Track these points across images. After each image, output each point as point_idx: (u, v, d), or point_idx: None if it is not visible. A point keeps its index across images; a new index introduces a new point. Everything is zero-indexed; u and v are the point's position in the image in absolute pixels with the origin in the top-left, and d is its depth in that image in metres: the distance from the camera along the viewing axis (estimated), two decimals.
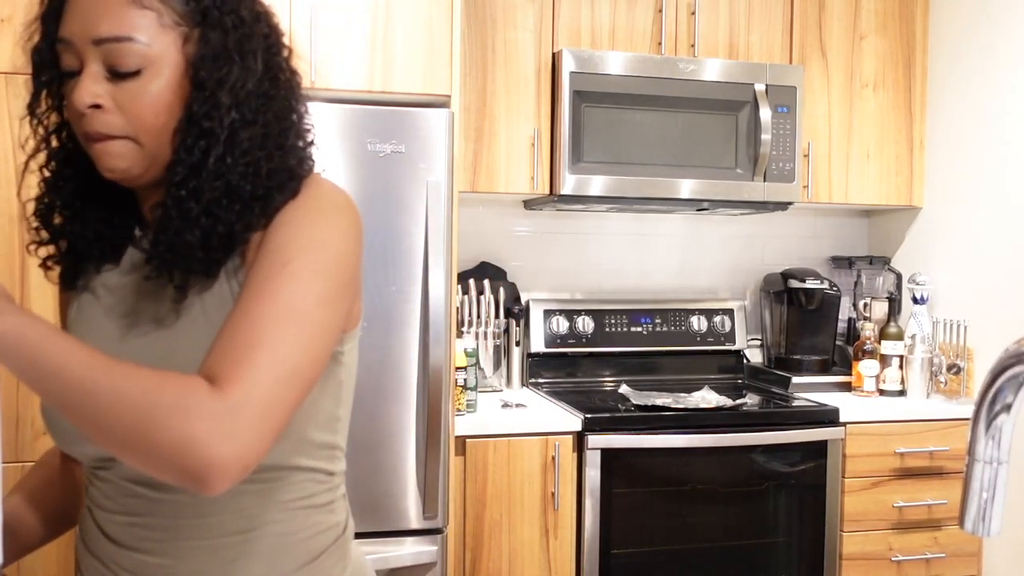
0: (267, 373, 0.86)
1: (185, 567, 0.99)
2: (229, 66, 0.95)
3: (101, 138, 0.94)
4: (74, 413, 0.82)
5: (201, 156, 0.94)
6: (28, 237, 1.04)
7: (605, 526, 2.57)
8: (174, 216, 0.95)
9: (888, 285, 3.26)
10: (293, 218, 0.96)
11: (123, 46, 0.92)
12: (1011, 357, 0.76)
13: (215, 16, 0.95)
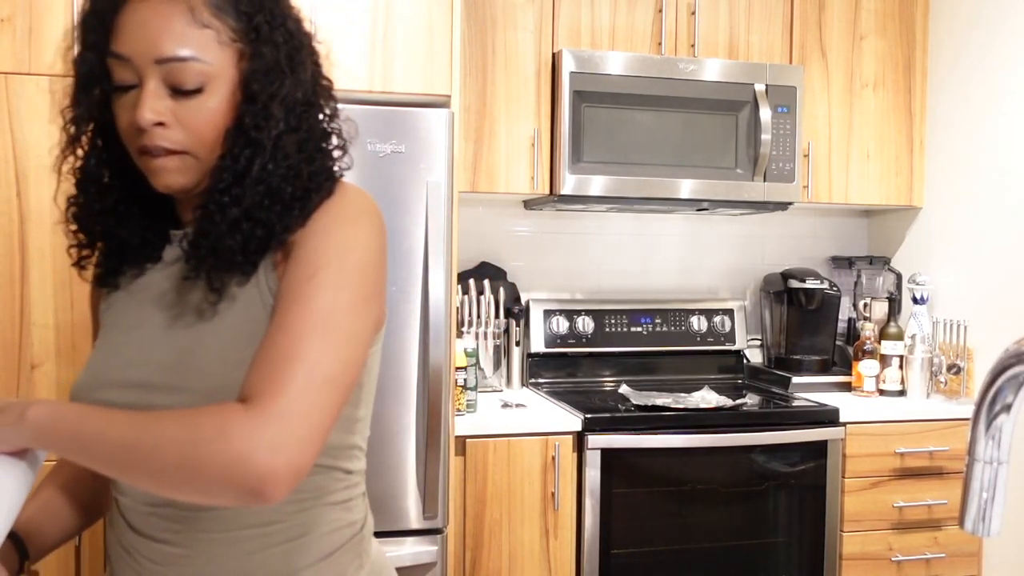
0: (302, 383, 0.88)
1: (203, 558, 1.01)
2: (281, 79, 0.98)
3: (161, 153, 0.96)
4: (122, 469, 0.86)
5: (246, 164, 0.97)
6: (67, 240, 1.07)
7: (605, 526, 2.57)
8: (217, 220, 0.97)
9: (888, 285, 3.26)
10: (322, 227, 0.98)
11: (186, 65, 0.94)
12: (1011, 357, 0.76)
13: (266, 31, 0.98)
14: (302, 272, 0.95)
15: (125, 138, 0.99)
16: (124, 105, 0.97)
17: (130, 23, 0.95)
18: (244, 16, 0.97)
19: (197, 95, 0.95)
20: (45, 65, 2.36)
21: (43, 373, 2.39)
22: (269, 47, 0.98)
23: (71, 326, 2.39)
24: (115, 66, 0.96)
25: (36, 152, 2.37)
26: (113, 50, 0.96)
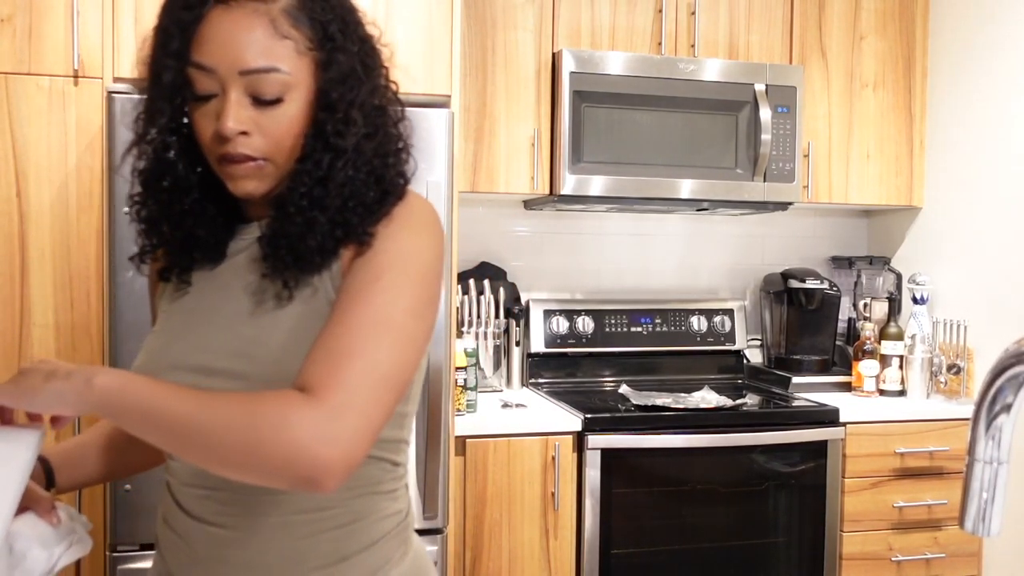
0: (361, 378, 0.92)
1: (256, 541, 1.03)
2: (358, 85, 1.02)
3: (242, 160, 1.00)
4: (182, 446, 0.90)
5: (328, 168, 1.01)
6: (137, 241, 1.11)
7: (605, 526, 2.57)
8: (298, 222, 1.00)
9: (888, 285, 3.26)
10: (387, 233, 1.02)
11: (268, 76, 0.97)
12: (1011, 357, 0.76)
13: (341, 39, 1.01)
14: (368, 274, 0.99)
15: (205, 145, 1.02)
16: (206, 114, 1.00)
17: (213, 34, 0.97)
18: (319, 25, 1.00)
19: (277, 104, 0.99)
20: (45, 65, 2.36)
21: None
22: (344, 54, 1.01)
23: (71, 326, 2.39)
24: (197, 76, 0.99)
25: (36, 152, 2.37)
26: (197, 60, 0.98)
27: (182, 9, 0.99)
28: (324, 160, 1.00)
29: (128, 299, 2.29)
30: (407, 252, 1.01)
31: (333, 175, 1.01)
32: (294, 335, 1.00)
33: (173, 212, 1.07)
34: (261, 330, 1.02)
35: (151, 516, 2.30)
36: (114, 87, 2.33)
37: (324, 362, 0.93)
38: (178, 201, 1.06)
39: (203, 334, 1.05)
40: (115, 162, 2.28)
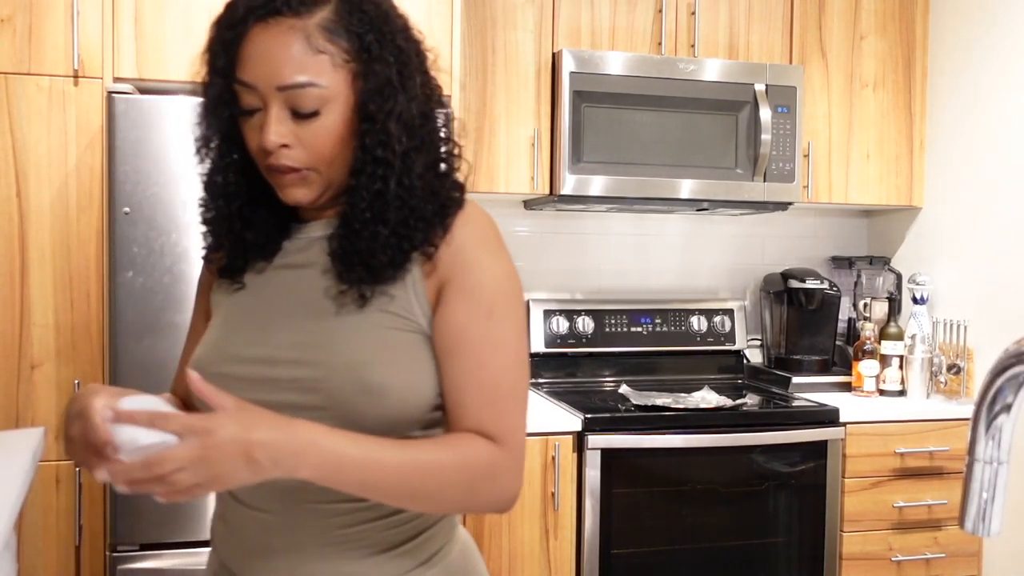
0: (521, 415, 1.08)
1: (304, 527, 1.07)
2: (395, 96, 1.05)
3: (287, 171, 1.05)
4: (401, 504, 1.02)
5: (382, 184, 1.05)
6: (202, 241, 1.18)
7: (605, 526, 2.57)
8: (365, 237, 1.06)
9: (888, 285, 3.26)
10: (475, 259, 1.09)
11: (304, 91, 1.02)
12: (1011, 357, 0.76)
13: (377, 50, 1.04)
14: (478, 309, 1.07)
15: (254, 156, 1.08)
16: (252, 127, 1.06)
17: (253, 53, 1.03)
18: (355, 37, 1.04)
19: (315, 117, 1.03)
20: (45, 65, 2.36)
21: (43, 373, 2.39)
22: (380, 65, 1.04)
23: (71, 326, 2.39)
24: (241, 92, 1.04)
25: (36, 152, 2.37)
26: (239, 78, 1.04)
27: (225, 28, 1.04)
28: (376, 173, 1.05)
29: (128, 299, 2.29)
30: (501, 278, 1.09)
31: (387, 189, 1.05)
32: (370, 338, 1.05)
33: (223, 216, 1.13)
34: (331, 328, 1.07)
35: (151, 516, 2.31)
36: (114, 87, 2.33)
37: (493, 408, 1.06)
38: (228, 206, 1.12)
39: (264, 328, 1.10)
40: (115, 162, 2.28)
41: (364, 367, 1.03)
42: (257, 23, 1.02)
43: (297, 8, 1.02)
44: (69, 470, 2.39)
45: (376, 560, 1.07)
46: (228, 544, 1.14)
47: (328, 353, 1.05)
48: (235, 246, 1.14)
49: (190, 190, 2.32)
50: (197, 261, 2.32)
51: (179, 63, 2.44)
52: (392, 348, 1.05)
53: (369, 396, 1.02)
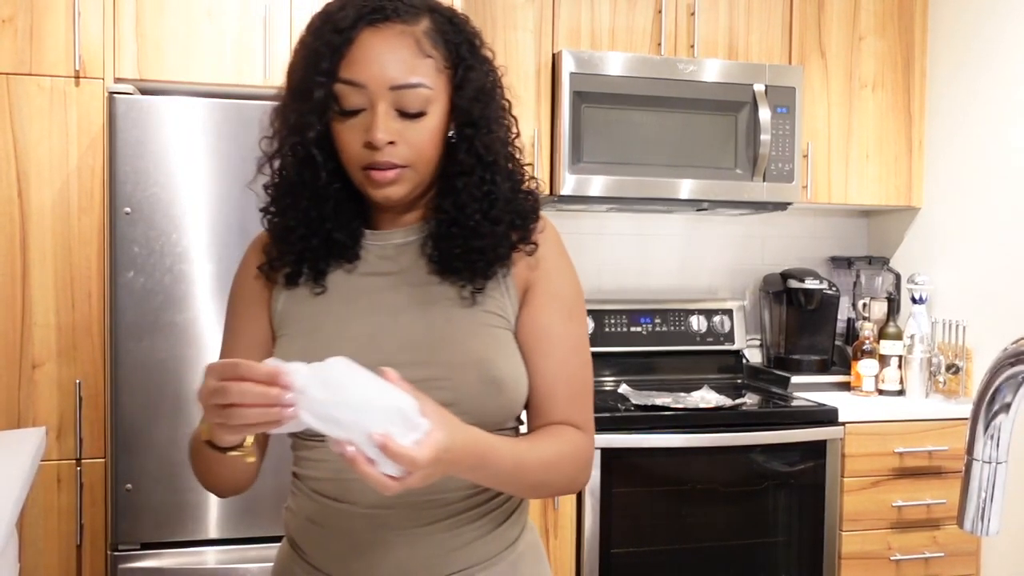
0: (592, 409, 1.21)
1: (415, 519, 1.10)
2: (491, 102, 1.14)
3: (388, 167, 1.08)
4: (520, 492, 1.15)
5: (491, 185, 1.13)
6: (271, 252, 1.18)
7: (605, 526, 2.57)
8: (478, 235, 1.12)
9: (887, 285, 3.27)
10: (555, 266, 1.19)
11: (415, 91, 1.07)
12: (1010, 357, 0.76)
13: (471, 59, 1.12)
14: (560, 311, 1.17)
15: (350, 155, 1.10)
16: (352, 127, 1.08)
17: (364, 54, 1.07)
18: (452, 46, 1.11)
19: (421, 117, 1.08)
20: (46, 66, 2.37)
21: (44, 373, 2.39)
22: (475, 72, 1.12)
23: (72, 326, 2.40)
24: (346, 92, 1.07)
25: (37, 152, 2.37)
26: (348, 78, 1.07)
27: (332, 32, 1.08)
28: (485, 176, 1.12)
29: (129, 299, 2.29)
30: (576, 283, 1.20)
31: (496, 190, 1.13)
32: (483, 335, 1.12)
33: (312, 218, 1.14)
34: (444, 328, 1.12)
35: (151, 516, 2.31)
36: (115, 88, 2.33)
37: (578, 401, 1.17)
38: (318, 207, 1.14)
39: (370, 335, 1.13)
40: (116, 162, 2.28)
41: (486, 363, 1.10)
42: (367, 27, 1.07)
43: (405, 16, 1.08)
44: (70, 469, 2.39)
45: (477, 544, 1.14)
46: (327, 549, 1.14)
47: (450, 352, 1.10)
48: (319, 249, 1.15)
49: (190, 190, 2.32)
50: (198, 261, 2.32)
51: (180, 64, 2.44)
52: (502, 344, 1.13)
53: (492, 389, 1.10)
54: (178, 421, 2.31)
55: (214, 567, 2.32)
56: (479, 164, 1.12)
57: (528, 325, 1.16)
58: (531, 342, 1.16)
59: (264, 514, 2.35)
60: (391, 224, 1.18)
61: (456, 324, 1.12)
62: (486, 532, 1.15)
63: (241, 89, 2.48)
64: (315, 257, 1.15)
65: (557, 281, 1.18)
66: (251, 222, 2.34)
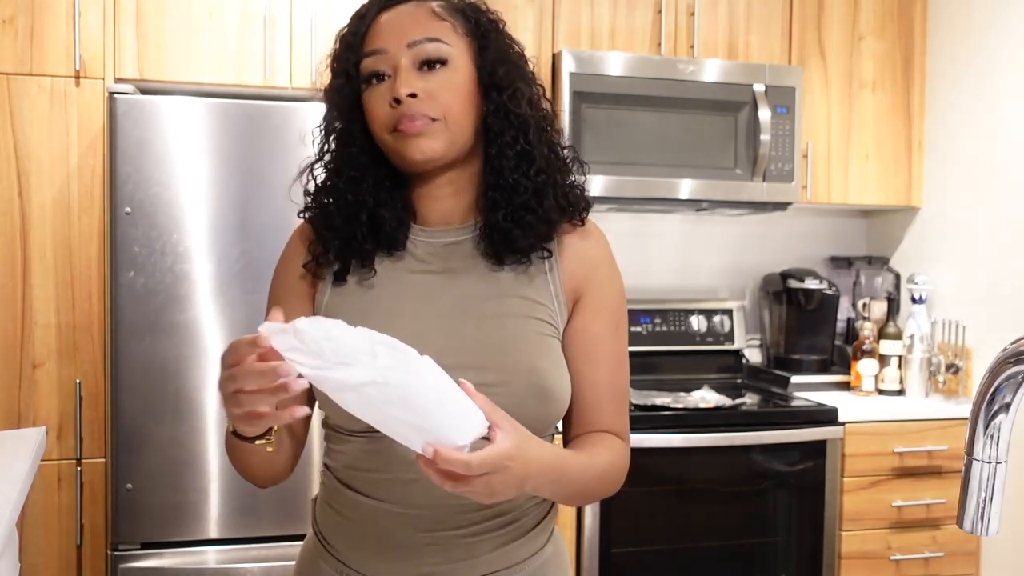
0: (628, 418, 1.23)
1: (449, 521, 1.11)
2: (517, 67, 1.18)
3: (416, 118, 1.09)
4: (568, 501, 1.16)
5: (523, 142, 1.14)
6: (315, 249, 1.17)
7: (605, 525, 2.58)
8: (526, 189, 1.13)
9: (887, 285, 3.27)
10: (607, 277, 1.21)
11: (432, 44, 1.11)
12: (1010, 357, 0.77)
13: (491, 29, 1.18)
14: (609, 322, 1.19)
15: (379, 124, 1.12)
16: (379, 94, 1.12)
17: (383, 26, 1.13)
18: (471, 19, 1.16)
19: (442, 68, 1.11)
20: (47, 66, 2.37)
21: (44, 372, 2.39)
22: (497, 38, 1.17)
23: (72, 326, 2.40)
24: (371, 63, 1.12)
25: (38, 152, 2.37)
26: (369, 49, 1.13)
27: (357, 21, 1.15)
28: (519, 136, 1.14)
29: (129, 299, 2.29)
30: (623, 296, 1.22)
31: (531, 147, 1.14)
32: (536, 343, 1.13)
33: (359, 191, 1.14)
34: (497, 333, 1.12)
35: (151, 516, 2.31)
36: (115, 87, 2.33)
37: (620, 412, 1.19)
38: (362, 189, 1.14)
39: (420, 334, 1.09)
40: (116, 162, 2.28)
41: (538, 372, 1.11)
42: (384, 10, 1.14)
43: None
44: (70, 469, 2.39)
45: (510, 547, 1.14)
46: (355, 545, 1.14)
47: (504, 358, 1.10)
48: (364, 246, 1.15)
49: (191, 190, 2.32)
50: (198, 261, 2.32)
51: (180, 64, 2.44)
52: (552, 355, 1.14)
53: (541, 399, 1.11)
54: (178, 421, 2.31)
55: (214, 567, 2.32)
56: (509, 125, 1.14)
57: (580, 334, 1.17)
58: (581, 351, 1.16)
59: (264, 514, 2.35)
60: (441, 223, 1.18)
61: (508, 330, 1.12)
62: (514, 538, 1.15)
63: (242, 89, 2.48)
64: (362, 254, 1.15)
65: (608, 293, 1.19)
66: (251, 222, 2.35)
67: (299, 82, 2.51)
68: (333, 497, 1.18)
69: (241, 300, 2.33)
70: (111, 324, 2.31)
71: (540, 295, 1.15)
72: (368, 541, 1.14)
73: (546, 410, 1.12)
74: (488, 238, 1.14)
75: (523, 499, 1.14)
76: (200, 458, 2.33)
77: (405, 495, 1.10)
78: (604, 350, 1.17)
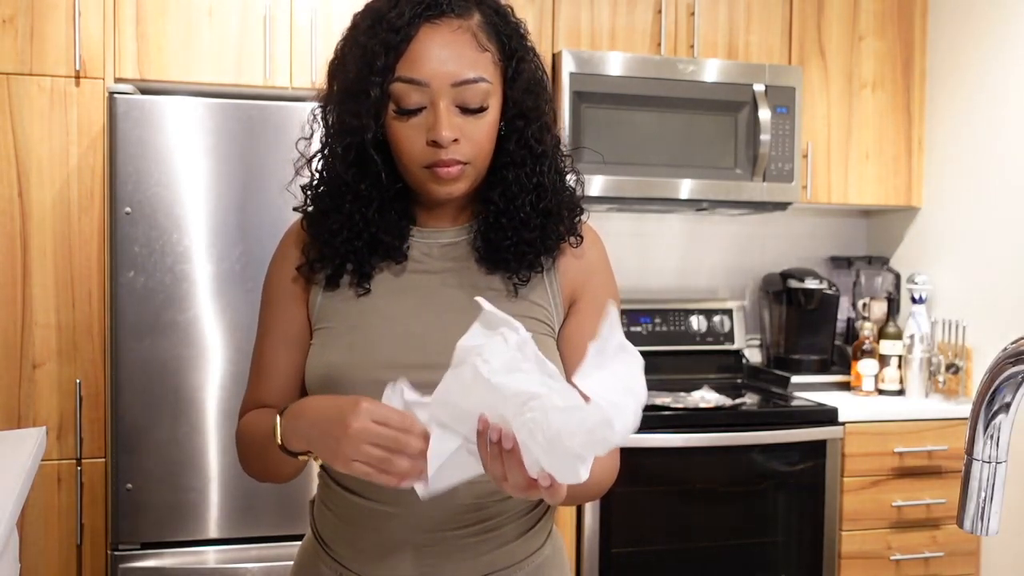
0: None
1: (450, 522, 1.11)
2: (541, 93, 1.14)
3: (451, 164, 1.08)
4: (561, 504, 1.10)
5: (540, 176, 1.13)
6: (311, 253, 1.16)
7: (605, 525, 2.58)
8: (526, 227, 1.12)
9: (887, 285, 3.27)
10: (603, 279, 1.20)
11: (477, 86, 1.07)
12: (1009, 356, 0.77)
13: (521, 52, 1.12)
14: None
15: (410, 154, 1.08)
16: (413, 126, 1.07)
17: (425, 51, 1.06)
18: (504, 38, 1.11)
19: (482, 112, 1.08)
20: (47, 66, 2.37)
21: (45, 372, 2.39)
22: (526, 64, 1.12)
23: (72, 326, 2.40)
24: (406, 90, 1.06)
25: (38, 152, 2.38)
26: (409, 76, 1.06)
27: (388, 31, 1.06)
28: (535, 168, 1.12)
29: (129, 298, 2.29)
30: (617, 298, 1.20)
31: (545, 180, 1.13)
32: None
33: (356, 221, 1.12)
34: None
35: (151, 516, 2.31)
36: (115, 87, 2.33)
37: None
38: (363, 210, 1.12)
39: (416, 335, 1.12)
40: (116, 162, 2.28)
41: None
42: (425, 24, 1.06)
43: (459, 10, 1.08)
44: (70, 469, 2.40)
45: (508, 548, 1.15)
46: (354, 546, 1.15)
47: None
48: (363, 251, 1.13)
49: (191, 190, 2.32)
50: (198, 261, 2.32)
51: (180, 63, 2.44)
52: (547, 352, 1.09)
53: None
54: (178, 421, 2.31)
55: (214, 567, 2.32)
56: (530, 155, 1.12)
57: (572, 336, 1.16)
58: (572, 352, 1.14)
59: (264, 514, 2.35)
60: (438, 222, 1.18)
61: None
62: (512, 538, 1.15)
63: (242, 89, 2.48)
64: (360, 259, 1.14)
65: (603, 295, 1.18)
66: (251, 222, 2.35)
67: (299, 82, 2.51)
68: (330, 498, 1.18)
69: (241, 300, 2.33)
70: (111, 324, 2.31)
71: (537, 295, 1.15)
72: (365, 542, 1.14)
73: None
74: (485, 242, 1.15)
75: (520, 500, 1.14)
76: (200, 458, 2.33)
77: (401, 496, 1.09)
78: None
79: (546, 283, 1.16)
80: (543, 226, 1.13)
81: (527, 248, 1.13)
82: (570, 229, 1.17)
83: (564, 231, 1.16)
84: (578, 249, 1.18)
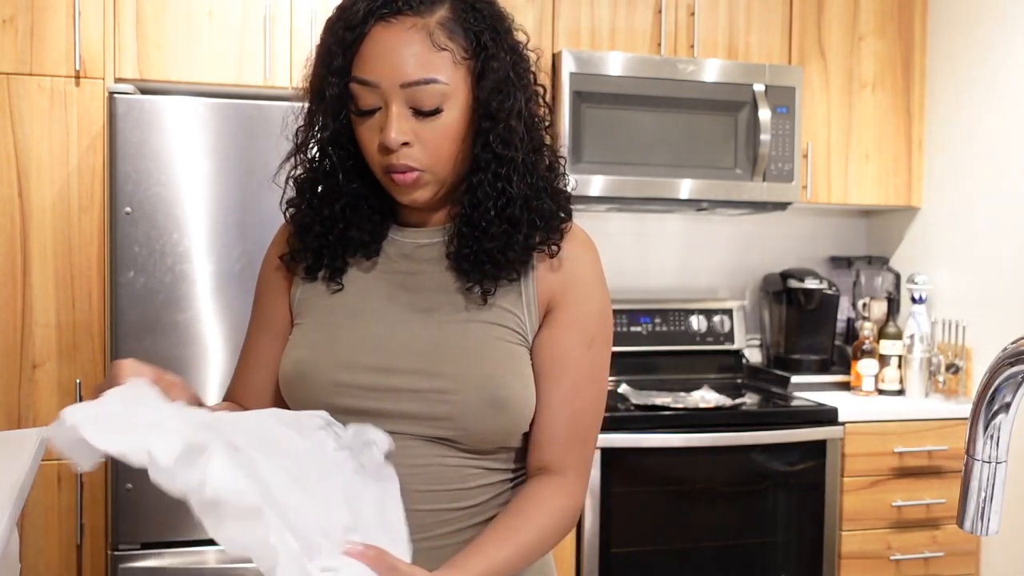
0: (594, 445, 1.15)
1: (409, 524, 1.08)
2: (514, 94, 1.07)
3: (404, 170, 1.05)
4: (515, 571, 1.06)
5: (505, 182, 1.07)
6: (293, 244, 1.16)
7: (605, 525, 2.58)
8: (496, 236, 1.07)
9: (887, 285, 3.27)
10: (587, 289, 1.14)
11: (428, 87, 1.02)
12: (1009, 356, 0.77)
13: (493, 48, 1.06)
14: (581, 338, 1.12)
15: (369, 156, 1.07)
16: (370, 127, 1.05)
17: (375, 51, 1.03)
18: (472, 35, 1.05)
19: (437, 115, 1.04)
20: (47, 65, 2.37)
21: (45, 372, 2.39)
22: (498, 62, 1.06)
23: (72, 325, 2.40)
24: (361, 91, 1.04)
25: (38, 152, 2.38)
26: (360, 77, 1.04)
27: (344, 29, 1.04)
28: (500, 172, 1.07)
29: (129, 298, 2.29)
30: (605, 311, 1.15)
31: (511, 187, 1.07)
32: (496, 351, 1.08)
33: (325, 216, 1.12)
34: (455, 339, 1.08)
35: (151, 516, 2.31)
36: (115, 87, 2.34)
37: (577, 439, 1.11)
38: (330, 206, 1.11)
39: (378, 335, 1.10)
40: (116, 162, 2.28)
41: (494, 380, 1.06)
42: (379, 22, 1.03)
43: (418, 7, 1.03)
44: (70, 469, 2.39)
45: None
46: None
47: (457, 365, 1.06)
48: (335, 246, 1.13)
49: (191, 190, 2.32)
50: (198, 261, 2.32)
51: (180, 64, 2.44)
52: (513, 362, 1.09)
53: (496, 410, 1.06)
54: None
55: (214, 567, 2.32)
56: (495, 160, 1.07)
57: (545, 347, 1.11)
58: (544, 364, 1.11)
59: None
60: (418, 222, 1.15)
61: (469, 336, 1.08)
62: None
63: (242, 89, 2.48)
64: (332, 254, 1.13)
65: (584, 306, 1.13)
66: (251, 221, 2.35)
67: (299, 82, 2.51)
68: None
69: (241, 300, 2.33)
70: (111, 324, 2.31)
71: (510, 302, 1.10)
72: None
73: (502, 421, 1.07)
74: (456, 246, 1.11)
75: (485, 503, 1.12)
76: None
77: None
78: (569, 366, 1.11)
79: (521, 290, 1.11)
80: (507, 236, 1.07)
81: (486, 258, 1.08)
82: (546, 239, 1.11)
83: (538, 241, 1.10)
84: (558, 257, 1.12)
